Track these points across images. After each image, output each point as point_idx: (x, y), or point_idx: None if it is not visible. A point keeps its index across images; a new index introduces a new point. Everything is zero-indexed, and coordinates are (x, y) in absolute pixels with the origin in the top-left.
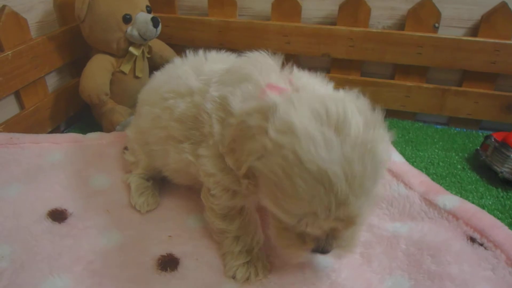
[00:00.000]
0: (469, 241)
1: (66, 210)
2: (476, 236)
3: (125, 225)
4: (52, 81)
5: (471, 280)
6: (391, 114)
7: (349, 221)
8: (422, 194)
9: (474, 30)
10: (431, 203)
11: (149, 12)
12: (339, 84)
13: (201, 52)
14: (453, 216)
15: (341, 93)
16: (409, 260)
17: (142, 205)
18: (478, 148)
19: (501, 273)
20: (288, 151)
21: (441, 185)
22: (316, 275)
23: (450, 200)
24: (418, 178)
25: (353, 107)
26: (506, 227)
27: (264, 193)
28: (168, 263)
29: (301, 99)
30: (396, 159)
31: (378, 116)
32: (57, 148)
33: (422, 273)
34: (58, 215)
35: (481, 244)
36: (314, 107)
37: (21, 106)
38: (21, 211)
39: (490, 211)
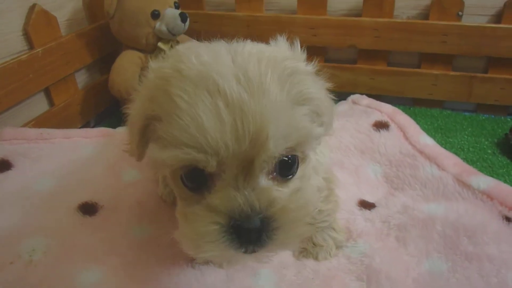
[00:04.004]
0: (505, 220)
1: (96, 203)
2: None
3: (157, 217)
4: (81, 78)
5: (511, 259)
6: (418, 103)
7: (257, 141)
8: (456, 175)
9: (498, 17)
10: (464, 184)
11: (177, 8)
12: (366, 74)
13: None
14: (487, 196)
15: None
16: (446, 242)
17: (168, 196)
18: (507, 132)
19: None
20: (166, 69)
21: None
22: (350, 261)
23: (484, 180)
24: (451, 160)
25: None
26: None
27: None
28: None
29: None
30: (428, 142)
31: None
32: (88, 143)
33: (459, 255)
34: (88, 208)
35: None
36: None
37: (51, 103)
38: (53, 204)
39: None
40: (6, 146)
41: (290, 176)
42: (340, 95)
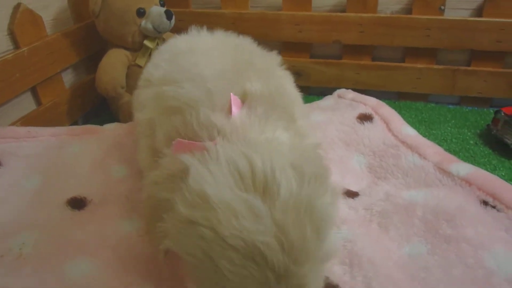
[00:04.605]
0: (482, 204)
1: (85, 198)
2: (489, 199)
3: None
4: (68, 77)
5: (487, 241)
6: (403, 97)
7: None
8: (436, 163)
9: (479, 11)
10: (445, 171)
11: (162, 5)
12: (352, 69)
13: None
14: (466, 182)
15: (281, 137)
16: (426, 226)
17: None
18: (489, 123)
19: None
20: (205, 228)
21: None
22: None
23: (463, 167)
24: (432, 149)
25: (284, 161)
26: None
27: (190, 279)
28: None
29: (219, 157)
30: (410, 132)
31: (319, 165)
32: (75, 140)
33: (438, 238)
34: (77, 203)
35: (494, 207)
36: (235, 167)
37: (38, 102)
38: (42, 200)
39: None
40: None
41: None
42: (326, 90)
